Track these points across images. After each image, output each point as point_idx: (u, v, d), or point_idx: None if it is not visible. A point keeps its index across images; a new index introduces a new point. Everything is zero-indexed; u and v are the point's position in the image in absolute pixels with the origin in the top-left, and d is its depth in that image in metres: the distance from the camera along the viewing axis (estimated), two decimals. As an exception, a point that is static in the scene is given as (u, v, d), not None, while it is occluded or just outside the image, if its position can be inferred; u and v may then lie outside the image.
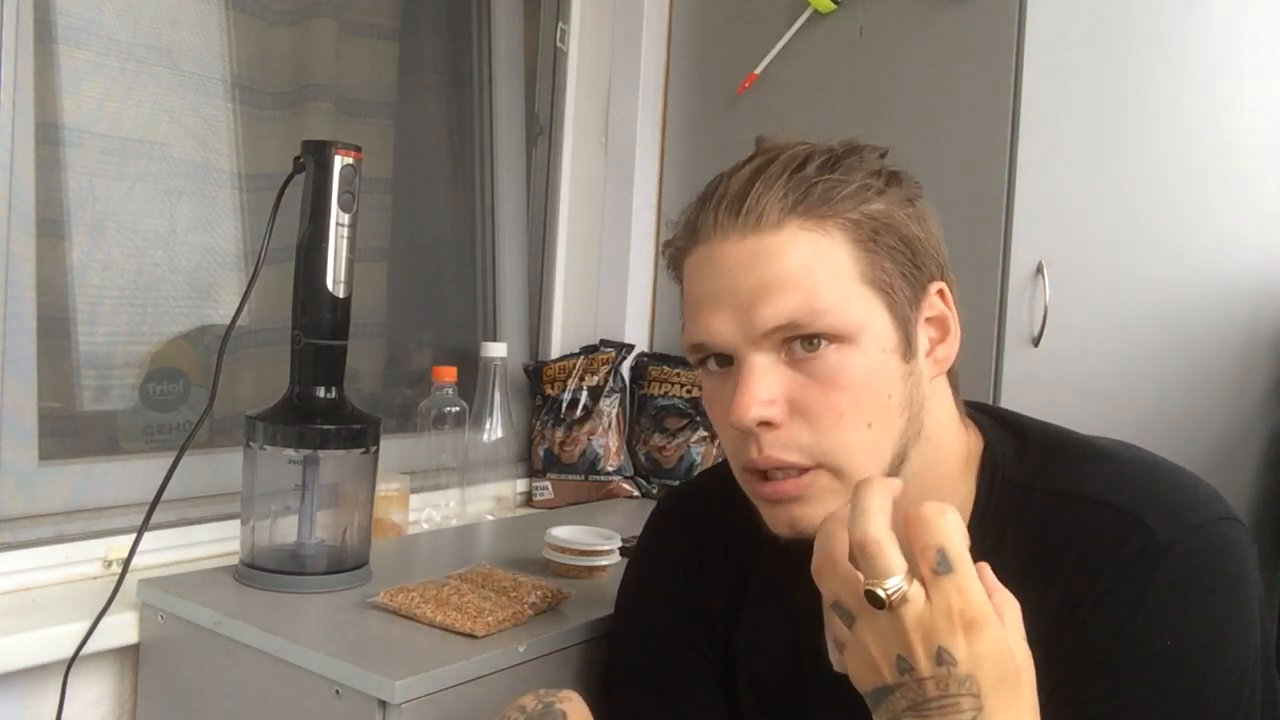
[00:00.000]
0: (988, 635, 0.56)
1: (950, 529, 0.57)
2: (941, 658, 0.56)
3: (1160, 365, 1.41)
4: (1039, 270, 1.41)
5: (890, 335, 0.72)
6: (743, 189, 0.71)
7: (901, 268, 0.72)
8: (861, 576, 0.58)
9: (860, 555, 0.57)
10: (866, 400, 0.71)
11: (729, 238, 0.71)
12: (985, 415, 0.82)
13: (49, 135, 1.20)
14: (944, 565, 0.56)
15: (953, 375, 0.79)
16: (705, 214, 0.73)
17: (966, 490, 0.77)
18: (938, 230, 0.76)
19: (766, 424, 0.70)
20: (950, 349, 0.76)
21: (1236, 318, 1.39)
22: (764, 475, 0.72)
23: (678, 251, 0.76)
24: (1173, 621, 0.67)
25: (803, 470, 0.71)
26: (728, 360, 0.73)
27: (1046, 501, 0.74)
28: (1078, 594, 0.69)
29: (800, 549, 0.84)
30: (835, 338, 0.70)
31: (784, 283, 0.69)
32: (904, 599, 0.56)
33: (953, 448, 0.78)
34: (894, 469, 0.73)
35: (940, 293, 0.76)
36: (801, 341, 0.70)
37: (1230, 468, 1.46)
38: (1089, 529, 0.71)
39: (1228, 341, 1.40)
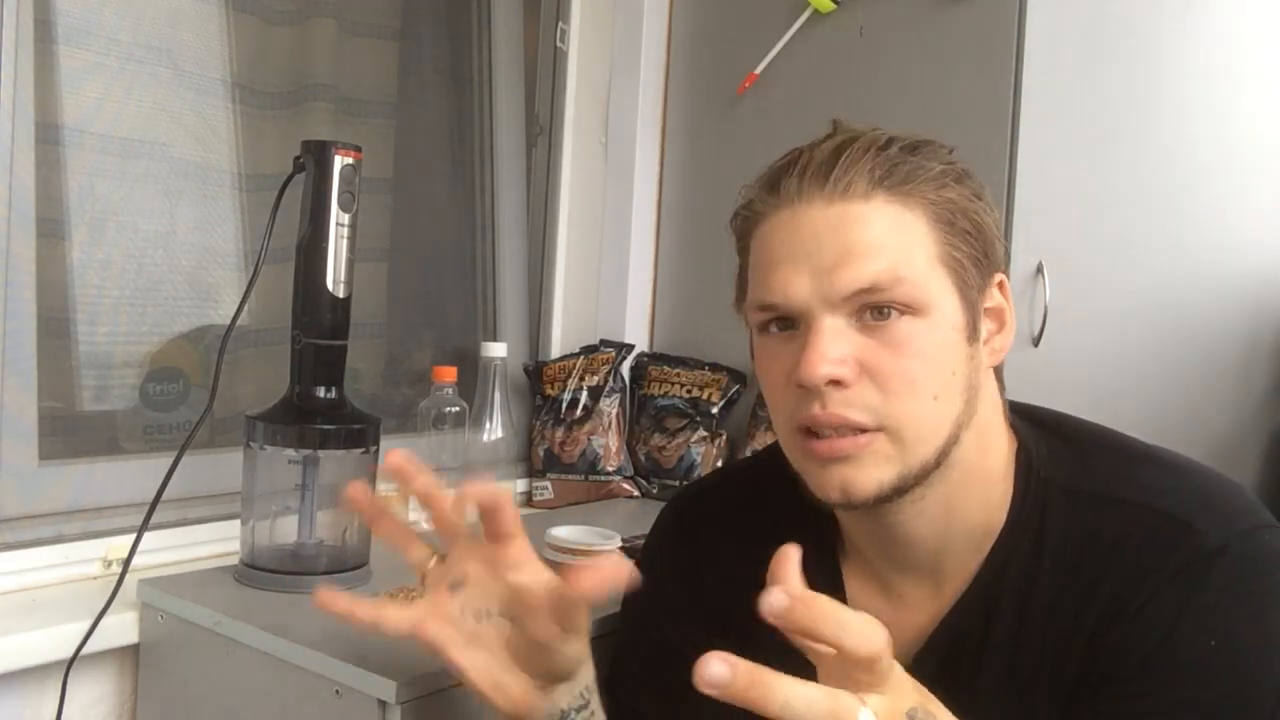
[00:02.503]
0: (896, 670, 0.56)
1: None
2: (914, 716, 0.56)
3: (1160, 365, 1.40)
4: (1039, 270, 1.41)
5: (959, 316, 0.73)
6: (829, 159, 0.72)
7: (973, 253, 0.73)
8: None
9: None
10: (935, 372, 0.71)
11: (814, 203, 0.72)
12: (1019, 415, 0.82)
13: (49, 135, 1.20)
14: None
15: (999, 374, 0.79)
16: (788, 180, 0.73)
17: (1001, 491, 0.77)
18: (999, 226, 0.77)
19: (835, 382, 0.70)
20: (1005, 341, 0.77)
21: (1236, 318, 1.39)
22: (818, 435, 0.72)
23: (754, 215, 0.76)
24: (1219, 625, 0.67)
25: (861, 430, 0.71)
26: (790, 325, 0.73)
27: (1090, 504, 0.74)
28: (1125, 596, 0.70)
29: (822, 551, 0.84)
30: (909, 308, 0.70)
31: (869, 248, 0.70)
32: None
33: (995, 446, 0.78)
34: (947, 448, 0.73)
35: (1001, 285, 0.77)
36: (875, 310, 0.70)
37: (1230, 468, 1.45)
38: (1137, 533, 0.71)
39: (1228, 341, 1.39)
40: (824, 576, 0.84)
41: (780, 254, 0.73)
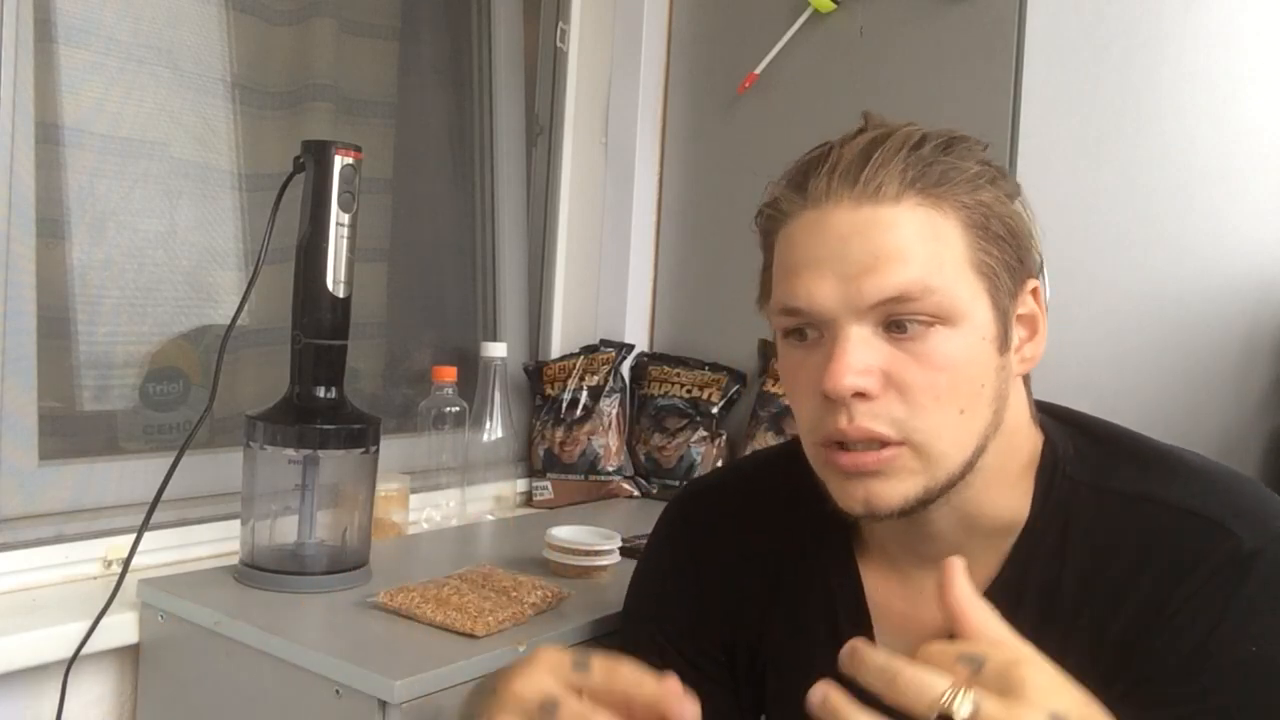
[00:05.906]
0: (1047, 671, 0.55)
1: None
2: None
3: (1160, 365, 1.40)
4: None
5: (990, 325, 0.71)
6: (859, 158, 0.70)
7: (1006, 258, 0.72)
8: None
9: (895, 690, 0.53)
10: (963, 385, 0.70)
11: (842, 204, 0.69)
12: (1046, 413, 0.81)
13: (49, 135, 1.20)
14: (974, 661, 0.54)
15: (1027, 376, 0.78)
16: (816, 179, 0.71)
17: (1025, 488, 0.76)
18: (1034, 229, 0.75)
19: (861, 394, 0.68)
20: (1037, 349, 0.76)
21: (1236, 317, 1.39)
22: (843, 446, 0.71)
23: (780, 215, 0.73)
24: (1259, 629, 0.67)
25: (886, 444, 0.69)
26: (814, 330, 0.72)
27: (1119, 503, 0.73)
28: (1161, 598, 0.69)
29: (836, 544, 0.83)
30: (939, 318, 0.69)
31: (898, 255, 0.68)
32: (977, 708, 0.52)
33: (1021, 447, 0.77)
34: (973, 460, 0.72)
35: (1034, 291, 0.75)
36: (904, 319, 0.68)
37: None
38: (1172, 534, 0.70)
39: (1227, 341, 1.39)
40: (838, 570, 0.84)
41: (806, 257, 0.71)
